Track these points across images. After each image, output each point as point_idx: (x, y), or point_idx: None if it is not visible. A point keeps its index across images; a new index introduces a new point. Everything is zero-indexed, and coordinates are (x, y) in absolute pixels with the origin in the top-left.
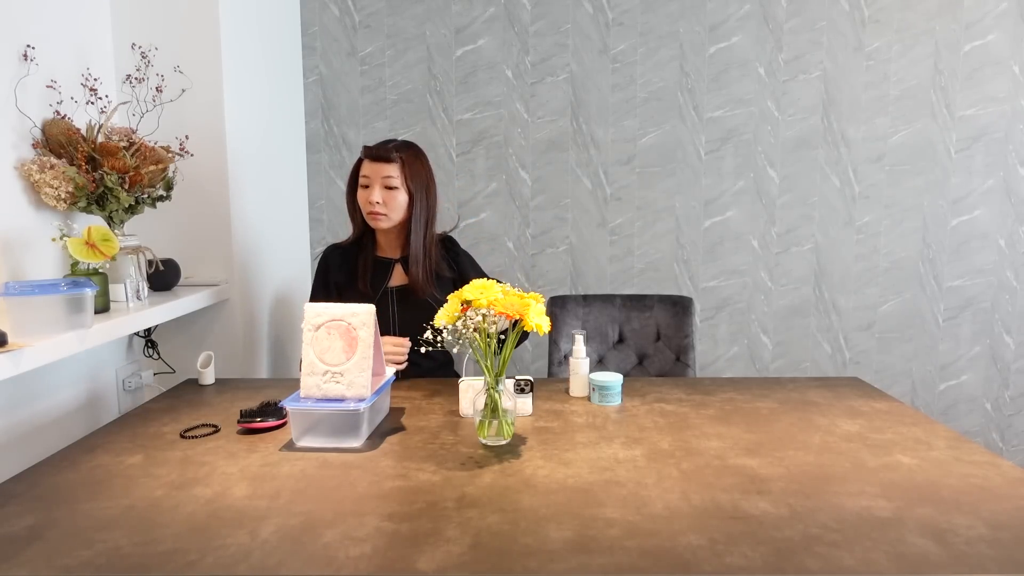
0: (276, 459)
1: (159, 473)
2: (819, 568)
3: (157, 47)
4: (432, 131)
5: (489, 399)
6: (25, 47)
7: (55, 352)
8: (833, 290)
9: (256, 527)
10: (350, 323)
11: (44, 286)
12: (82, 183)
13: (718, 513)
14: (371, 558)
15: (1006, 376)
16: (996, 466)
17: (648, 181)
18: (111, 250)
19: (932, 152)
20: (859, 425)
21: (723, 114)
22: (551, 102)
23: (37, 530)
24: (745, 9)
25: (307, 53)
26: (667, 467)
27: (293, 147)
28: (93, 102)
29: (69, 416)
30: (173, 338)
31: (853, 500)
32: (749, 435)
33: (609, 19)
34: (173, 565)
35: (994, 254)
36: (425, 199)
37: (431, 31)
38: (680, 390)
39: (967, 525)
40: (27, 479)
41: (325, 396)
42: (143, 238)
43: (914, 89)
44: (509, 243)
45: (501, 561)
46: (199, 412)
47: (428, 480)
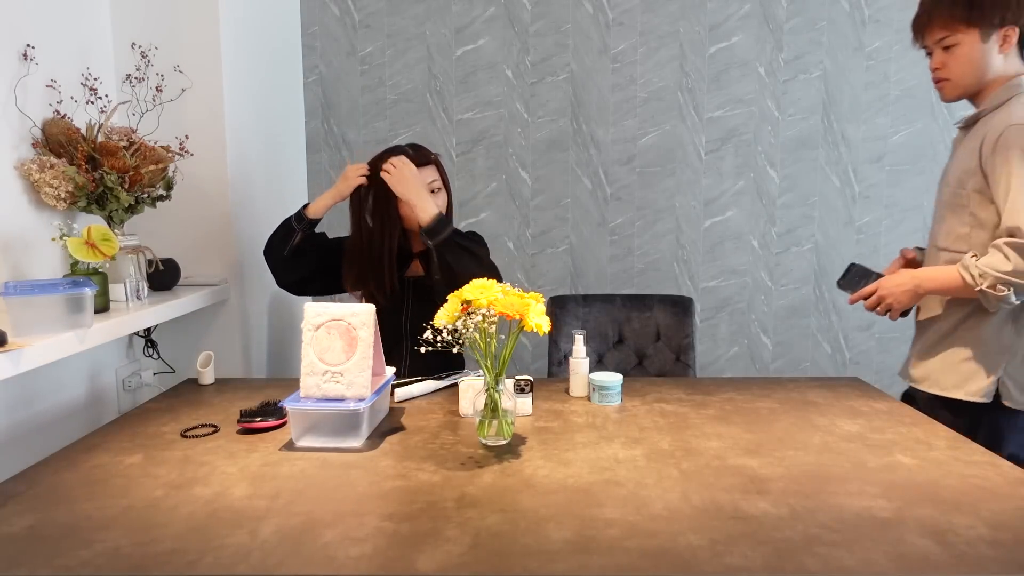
0: (276, 459)
1: (158, 473)
2: (819, 568)
3: (157, 47)
4: (432, 131)
5: (489, 399)
6: (25, 47)
7: (55, 352)
8: (833, 290)
9: (256, 527)
10: (350, 323)
11: (44, 286)
12: (82, 183)
13: (718, 513)
14: (371, 558)
15: None
16: (996, 466)
17: (648, 181)
18: (111, 250)
19: (932, 152)
20: (859, 425)
21: (723, 114)
22: (551, 102)
23: (37, 530)
24: (745, 9)
25: (307, 53)
26: (667, 467)
27: (293, 147)
28: (93, 102)
29: (69, 416)
30: (173, 338)
31: (853, 500)
32: (749, 435)
33: (609, 19)
34: (172, 565)
35: None
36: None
37: (431, 31)
38: (680, 390)
39: (967, 525)
40: (27, 479)
41: (325, 396)
42: (143, 238)
43: (914, 89)
44: (509, 243)
45: (501, 561)
46: (199, 412)
47: (428, 480)
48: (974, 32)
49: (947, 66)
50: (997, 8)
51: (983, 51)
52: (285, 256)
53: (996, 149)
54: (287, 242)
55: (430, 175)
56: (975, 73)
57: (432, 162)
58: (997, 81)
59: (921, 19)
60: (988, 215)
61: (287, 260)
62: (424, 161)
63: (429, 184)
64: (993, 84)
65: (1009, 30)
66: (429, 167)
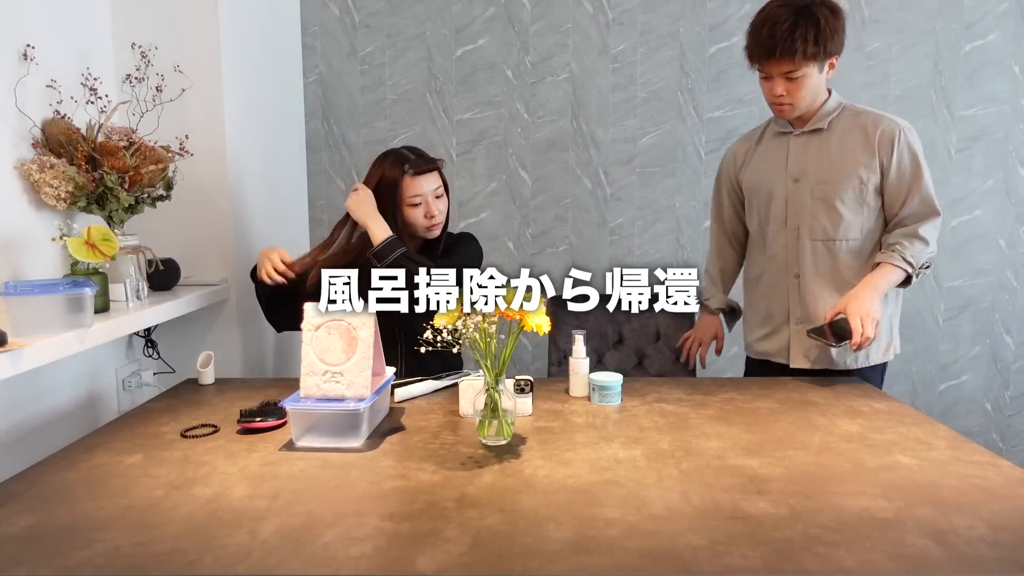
0: (276, 459)
1: (159, 473)
2: (819, 568)
3: (157, 47)
4: (432, 131)
5: (489, 399)
6: (25, 47)
7: (55, 352)
8: None
9: (256, 527)
10: (350, 323)
11: (44, 286)
12: (82, 183)
13: (718, 513)
14: (371, 558)
15: (1006, 376)
16: (996, 466)
17: (648, 181)
18: (111, 250)
19: (932, 152)
20: (859, 425)
21: (723, 114)
22: (551, 102)
23: (37, 530)
24: (745, 9)
25: (307, 53)
26: (667, 467)
27: (293, 147)
28: (93, 102)
29: (69, 416)
30: (173, 338)
31: (853, 500)
32: (749, 435)
33: (609, 19)
34: (172, 565)
35: (994, 254)
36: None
37: (431, 31)
38: (680, 390)
39: (967, 525)
40: (27, 479)
41: (325, 396)
42: (143, 238)
43: (914, 89)
44: (509, 243)
45: (501, 561)
46: (199, 412)
47: (428, 480)
48: (815, 65)
49: (791, 93)
50: (833, 45)
51: (819, 79)
52: (266, 309)
53: (895, 148)
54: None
55: (434, 182)
56: (812, 96)
57: (436, 169)
58: (820, 97)
59: (765, 52)
60: (877, 205)
61: (269, 313)
62: (429, 168)
63: (434, 191)
64: (818, 100)
65: (834, 59)
66: (433, 174)
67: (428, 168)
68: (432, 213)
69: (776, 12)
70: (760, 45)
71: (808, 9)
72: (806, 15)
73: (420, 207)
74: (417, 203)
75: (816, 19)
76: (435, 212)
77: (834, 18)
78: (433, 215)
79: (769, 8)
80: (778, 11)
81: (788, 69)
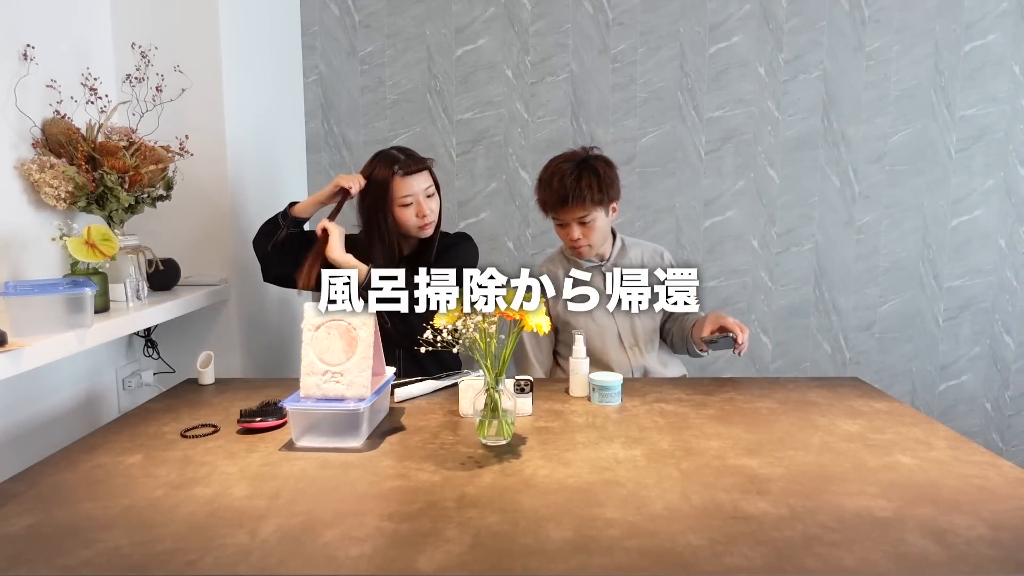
0: (276, 459)
1: (159, 473)
2: (819, 568)
3: (157, 47)
4: (432, 131)
5: (489, 399)
6: (25, 47)
7: (55, 352)
8: (833, 290)
9: (256, 527)
10: (350, 323)
11: (44, 286)
12: (82, 183)
13: (718, 513)
14: (371, 558)
15: (1006, 376)
16: (996, 466)
17: (648, 181)
18: (111, 250)
19: (932, 152)
20: (859, 425)
21: (723, 114)
22: (551, 102)
23: (37, 530)
24: (745, 9)
25: (307, 53)
26: (667, 467)
27: (293, 147)
28: (93, 102)
29: (69, 416)
30: (173, 338)
31: (853, 500)
32: (749, 435)
33: (609, 19)
34: (173, 565)
35: (994, 254)
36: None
37: (431, 31)
38: (680, 390)
39: (967, 525)
40: (27, 479)
41: (325, 396)
42: (143, 238)
43: (914, 89)
44: (509, 243)
45: (501, 561)
46: (199, 412)
47: (428, 480)
48: (602, 209)
49: (586, 236)
50: (613, 192)
51: (606, 220)
52: (269, 251)
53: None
54: (271, 237)
55: (424, 181)
56: (603, 236)
57: (426, 168)
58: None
59: (559, 201)
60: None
61: (271, 255)
62: (418, 168)
63: (424, 190)
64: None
65: (616, 203)
66: (423, 174)
67: (417, 168)
68: (424, 212)
69: (561, 167)
70: (554, 195)
71: (587, 163)
72: (586, 167)
73: (411, 207)
74: (408, 203)
75: (596, 170)
76: (427, 211)
77: (609, 168)
78: (425, 215)
79: (554, 165)
80: (563, 166)
81: (581, 214)
